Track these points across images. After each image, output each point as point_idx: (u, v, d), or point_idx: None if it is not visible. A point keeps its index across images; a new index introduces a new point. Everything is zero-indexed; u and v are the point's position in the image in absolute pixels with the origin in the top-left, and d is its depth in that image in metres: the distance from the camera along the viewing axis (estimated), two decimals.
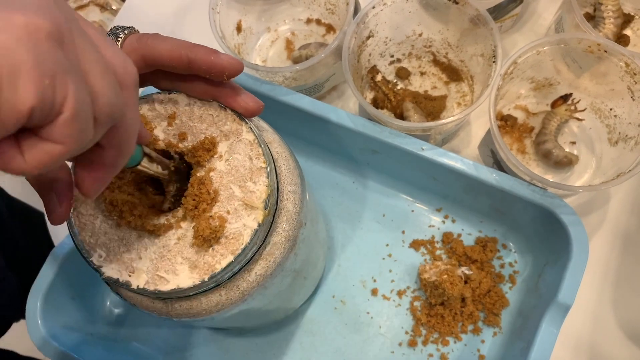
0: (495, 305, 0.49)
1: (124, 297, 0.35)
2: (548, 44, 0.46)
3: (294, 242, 0.35)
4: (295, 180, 0.35)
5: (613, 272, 0.50)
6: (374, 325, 0.50)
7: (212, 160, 0.32)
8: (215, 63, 0.31)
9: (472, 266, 0.50)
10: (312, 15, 0.60)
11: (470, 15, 0.48)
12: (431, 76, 0.57)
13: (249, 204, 0.31)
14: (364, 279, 0.51)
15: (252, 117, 0.34)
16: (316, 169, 0.56)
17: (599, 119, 0.52)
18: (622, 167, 0.44)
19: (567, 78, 0.51)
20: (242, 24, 0.58)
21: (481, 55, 0.49)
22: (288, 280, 0.38)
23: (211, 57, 0.31)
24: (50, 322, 0.46)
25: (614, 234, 0.51)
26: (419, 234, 0.52)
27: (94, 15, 1.03)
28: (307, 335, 0.50)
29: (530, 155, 0.53)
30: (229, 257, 0.31)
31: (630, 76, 0.45)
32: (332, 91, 0.59)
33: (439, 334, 0.49)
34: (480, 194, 0.48)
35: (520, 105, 0.55)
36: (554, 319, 0.41)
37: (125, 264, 0.31)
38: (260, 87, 0.49)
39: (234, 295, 0.33)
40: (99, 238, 0.32)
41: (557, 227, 0.44)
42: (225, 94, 0.33)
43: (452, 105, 0.55)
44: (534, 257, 0.50)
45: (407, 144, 0.46)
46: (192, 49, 0.31)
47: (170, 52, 0.31)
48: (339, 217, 0.54)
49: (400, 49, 0.56)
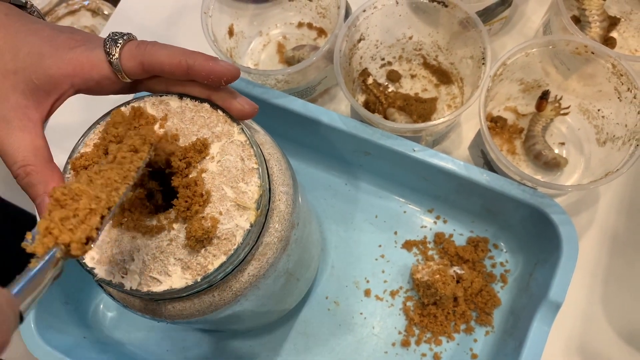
0: (487, 305, 0.49)
1: (117, 298, 0.35)
2: (536, 45, 0.47)
3: (287, 243, 0.35)
4: (287, 181, 0.36)
5: (602, 270, 0.51)
6: (367, 326, 0.50)
7: (203, 161, 0.33)
8: (214, 70, 0.32)
9: (464, 266, 0.50)
10: (303, 19, 0.61)
11: (460, 18, 0.49)
12: (422, 79, 0.57)
13: (241, 205, 0.32)
14: (357, 280, 0.52)
15: (247, 119, 0.35)
16: (309, 171, 0.56)
17: (587, 119, 0.52)
18: (610, 166, 0.45)
19: (556, 80, 0.52)
20: (234, 28, 0.58)
21: (471, 57, 0.50)
22: (281, 281, 0.39)
23: (210, 64, 0.32)
24: (44, 326, 0.46)
25: (603, 233, 0.52)
26: (411, 234, 0.53)
27: (86, 20, 1.02)
28: (301, 336, 0.50)
29: (521, 156, 0.54)
30: (222, 258, 0.31)
31: (617, 77, 0.46)
32: (324, 94, 0.59)
33: (432, 333, 0.49)
34: (471, 195, 0.48)
35: (510, 107, 0.55)
36: (545, 317, 0.42)
37: (118, 265, 0.31)
38: (253, 90, 0.49)
39: (226, 296, 0.33)
40: None
41: (548, 227, 0.45)
42: (222, 97, 0.34)
43: (442, 108, 0.56)
44: (525, 256, 0.50)
45: (399, 145, 0.47)
46: (191, 55, 0.32)
47: (170, 59, 0.31)
48: (332, 219, 0.54)
49: (391, 52, 0.57)
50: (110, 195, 0.27)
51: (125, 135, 0.32)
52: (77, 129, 0.35)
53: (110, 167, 0.28)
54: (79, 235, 0.24)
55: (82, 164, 0.32)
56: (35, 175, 0.31)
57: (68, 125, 0.58)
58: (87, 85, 0.33)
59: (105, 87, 0.33)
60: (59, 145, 0.37)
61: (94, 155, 0.32)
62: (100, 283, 0.32)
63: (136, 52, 0.32)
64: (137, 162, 0.29)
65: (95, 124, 0.34)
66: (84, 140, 0.33)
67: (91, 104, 0.52)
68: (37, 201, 0.31)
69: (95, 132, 0.33)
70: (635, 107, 0.44)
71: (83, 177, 0.27)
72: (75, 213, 0.25)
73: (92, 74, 0.32)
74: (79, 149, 0.33)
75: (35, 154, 0.31)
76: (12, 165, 0.31)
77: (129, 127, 0.33)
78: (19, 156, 0.31)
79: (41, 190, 0.30)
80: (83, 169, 0.32)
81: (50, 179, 0.31)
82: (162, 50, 0.32)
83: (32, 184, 0.31)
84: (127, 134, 0.32)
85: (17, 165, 0.31)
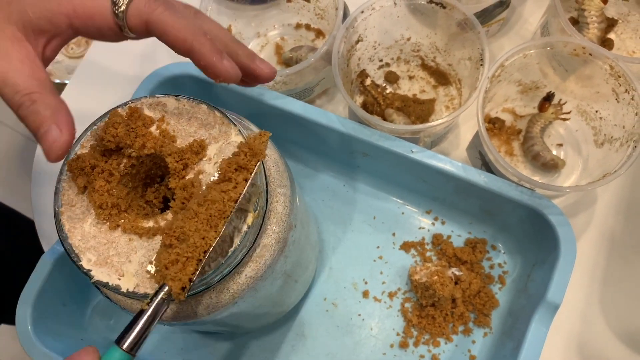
0: (485, 306, 0.49)
1: (114, 300, 0.35)
2: (534, 47, 0.47)
3: (284, 244, 0.35)
4: (284, 182, 0.36)
5: (600, 271, 0.51)
6: (365, 327, 0.50)
7: (200, 162, 0.33)
8: (214, 65, 0.30)
9: (462, 267, 0.50)
10: (301, 20, 0.61)
11: (458, 20, 0.49)
12: (419, 80, 0.57)
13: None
14: (355, 282, 0.52)
15: (264, 83, 0.34)
16: (307, 172, 0.56)
17: (585, 121, 0.52)
18: (608, 168, 0.45)
19: (553, 81, 0.52)
20: (232, 29, 0.58)
21: (469, 59, 0.50)
22: (279, 282, 0.39)
23: (213, 59, 0.30)
24: (41, 328, 0.46)
25: (600, 234, 0.52)
26: (409, 236, 0.53)
27: None
28: (299, 338, 0.50)
29: (518, 157, 0.54)
30: (219, 260, 0.31)
31: (614, 79, 0.46)
32: (322, 95, 0.59)
33: (430, 335, 0.49)
34: (469, 196, 0.48)
35: (508, 108, 0.55)
36: (544, 318, 0.42)
37: (115, 267, 0.31)
38: (251, 91, 0.49)
39: (224, 297, 0.33)
40: (88, 242, 0.32)
41: (545, 228, 0.45)
42: (242, 55, 0.33)
43: (440, 109, 0.56)
44: (523, 257, 0.50)
45: (397, 146, 0.47)
46: (200, 40, 0.30)
47: (175, 33, 0.30)
48: (330, 220, 0.54)
49: (389, 54, 0.57)
50: (208, 237, 0.28)
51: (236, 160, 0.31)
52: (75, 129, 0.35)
53: (212, 198, 0.29)
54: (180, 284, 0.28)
55: (79, 166, 0.32)
56: (42, 102, 0.28)
57: None
58: (87, 30, 0.31)
59: (108, 37, 0.32)
60: None
61: (91, 157, 0.32)
62: (97, 285, 0.32)
63: (144, 9, 0.30)
64: (238, 190, 0.29)
65: (92, 125, 0.34)
66: (81, 142, 0.33)
67: (90, 104, 0.52)
68: (42, 129, 0.28)
69: (92, 134, 0.33)
70: (633, 108, 0.44)
71: (190, 211, 0.29)
72: (177, 258, 0.28)
73: (95, 21, 0.30)
74: (76, 150, 0.33)
75: (39, 83, 0.28)
76: (14, 95, 0.28)
77: (127, 129, 0.32)
78: (21, 84, 0.28)
79: (48, 116, 0.28)
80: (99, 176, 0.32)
81: (59, 108, 0.28)
82: (173, 21, 0.29)
83: (38, 111, 0.28)
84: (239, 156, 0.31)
85: (21, 93, 0.28)
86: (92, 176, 0.32)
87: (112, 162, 0.32)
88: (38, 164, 0.58)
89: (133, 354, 0.28)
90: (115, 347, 0.28)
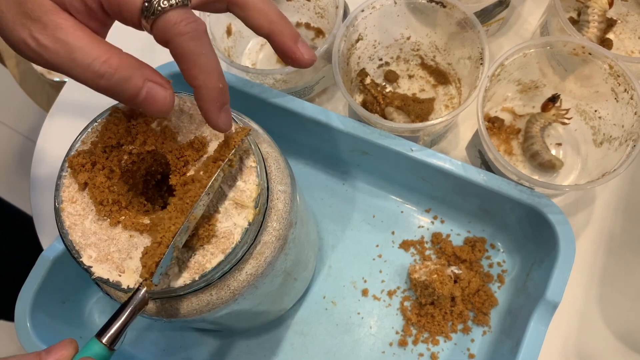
0: (484, 305, 0.49)
1: (115, 297, 0.35)
2: (534, 46, 0.47)
3: (285, 242, 0.35)
4: (285, 180, 0.36)
5: (599, 271, 0.51)
6: (364, 326, 0.50)
7: (201, 159, 0.33)
8: None
9: (462, 266, 0.50)
10: (301, 19, 0.61)
11: (458, 19, 0.49)
12: (419, 79, 0.57)
13: (239, 203, 0.32)
14: (355, 280, 0.52)
15: (302, 67, 0.34)
16: (306, 171, 0.56)
17: (584, 120, 0.52)
18: (607, 167, 0.45)
19: (553, 80, 0.52)
20: (232, 28, 0.58)
21: (468, 58, 0.50)
22: (279, 280, 0.39)
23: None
24: (40, 325, 0.46)
25: (600, 233, 0.52)
26: (408, 234, 0.53)
27: None
28: (298, 336, 0.50)
29: (518, 156, 0.54)
30: (220, 256, 0.31)
31: (613, 78, 0.46)
32: (322, 94, 0.59)
33: (429, 333, 0.49)
34: (468, 195, 0.49)
35: (507, 108, 0.56)
36: (542, 317, 0.42)
37: (116, 264, 0.31)
38: (251, 89, 0.49)
39: (224, 294, 0.33)
40: (89, 238, 0.32)
41: (545, 226, 0.45)
42: (287, 34, 0.32)
43: (440, 108, 0.56)
44: (522, 256, 0.50)
45: (397, 145, 0.47)
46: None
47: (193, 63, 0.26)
48: (329, 219, 0.54)
49: (389, 52, 0.57)
50: (177, 223, 0.29)
51: None
52: (75, 126, 0.35)
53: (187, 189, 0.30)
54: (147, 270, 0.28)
55: (80, 162, 0.32)
56: (126, 67, 0.25)
57: (66, 123, 0.58)
58: (117, 18, 0.27)
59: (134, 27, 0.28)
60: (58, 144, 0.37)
61: (91, 154, 0.32)
62: (97, 282, 0.32)
63: (171, 31, 0.26)
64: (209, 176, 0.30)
65: (93, 122, 0.34)
66: (81, 138, 0.33)
67: (90, 101, 0.52)
68: (141, 96, 0.26)
69: (93, 130, 0.33)
70: (632, 108, 0.45)
71: (171, 204, 0.30)
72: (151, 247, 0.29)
73: (122, 15, 0.27)
74: (77, 146, 0.33)
75: (107, 47, 0.25)
76: (89, 66, 0.25)
77: (128, 125, 0.32)
78: (93, 52, 0.25)
79: (141, 80, 0.25)
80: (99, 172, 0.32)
81: (141, 64, 0.26)
82: (194, 55, 0.26)
83: (126, 77, 0.25)
84: None
85: (98, 61, 0.25)
86: (92, 173, 0.32)
87: (112, 159, 0.32)
88: (37, 163, 0.58)
89: (112, 348, 0.28)
90: (94, 340, 0.28)
